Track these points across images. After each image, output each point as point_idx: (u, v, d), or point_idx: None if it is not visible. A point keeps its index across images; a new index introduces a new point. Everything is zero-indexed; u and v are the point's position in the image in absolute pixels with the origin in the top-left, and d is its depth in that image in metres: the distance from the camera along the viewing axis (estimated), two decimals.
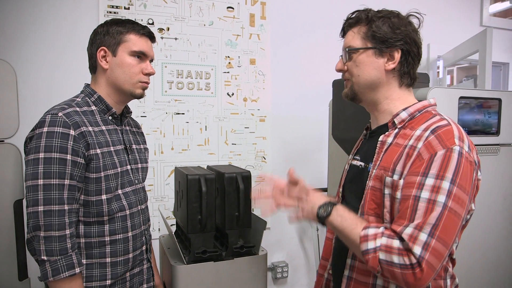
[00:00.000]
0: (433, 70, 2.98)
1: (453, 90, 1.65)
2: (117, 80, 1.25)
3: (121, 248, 1.24)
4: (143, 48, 1.26)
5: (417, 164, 0.93)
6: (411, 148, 0.96)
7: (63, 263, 1.08)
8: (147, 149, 1.48)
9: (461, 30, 3.03)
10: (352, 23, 1.08)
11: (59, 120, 1.11)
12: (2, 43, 1.95)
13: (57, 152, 1.09)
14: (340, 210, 1.00)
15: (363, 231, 0.93)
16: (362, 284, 1.04)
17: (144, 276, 1.37)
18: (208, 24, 2.38)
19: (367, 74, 1.05)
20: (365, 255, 0.91)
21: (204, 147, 2.42)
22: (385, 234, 0.91)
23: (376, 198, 1.01)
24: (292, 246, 2.74)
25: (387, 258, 0.89)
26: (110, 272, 1.21)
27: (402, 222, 0.91)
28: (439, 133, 0.94)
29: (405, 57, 1.04)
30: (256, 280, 1.53)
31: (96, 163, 1.16)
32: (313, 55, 2.64)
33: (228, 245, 1.50)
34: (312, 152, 2.71)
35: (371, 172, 1.04)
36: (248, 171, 1.52)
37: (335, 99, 2.05)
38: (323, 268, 1.29)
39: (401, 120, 1.04)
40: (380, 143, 1.05)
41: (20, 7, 1.99)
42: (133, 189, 1.30)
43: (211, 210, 1.45)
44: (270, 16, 2.53)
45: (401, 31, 1.02)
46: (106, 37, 1.24)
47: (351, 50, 1.07)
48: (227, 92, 2.45)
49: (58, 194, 1.09)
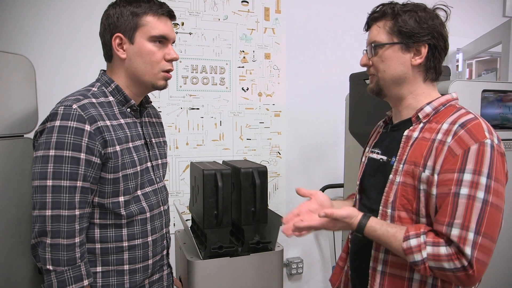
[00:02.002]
0: (452, 63, 2.92)
1: (476, 83, 1.61)
2: (137, 70, 1.11)
3: (140, 254, 1.13)
4: (164, 31, 1.10)
5: (451, 161, 0.92)
6: (440, 143, 0.95)
7: (70, 275, 0.98)
8: (165, 142, 1.36)
9: (483, 21, 2.94)
10: (377, 17, 1.06)
11: (74, 113, 0.99)
12: (20, 39, 1.98)
13: (69, 150, 0.98)
14: (375, 219, 1.00)
15: (405, 243, 0.94)
16: (399, 278, 1.02)
17: (164, 283, 1.28)
18: (222, 19, 2.36)
19: (393, 70, 1.04)
20: (415, 266, 0.93)
21: (219, 142, 2.41)
22: (428, 242, 0.92)
23: (407, 194, 0.99)
24: (307, 242, 2.72)
25: (437, 266, 0.90)
26: (128, 280, 1.11)
27: (443, 220, 0.91)
28: (469, 127, 0.93)
29: (432, 51, 1.02)
30: (272, 276, 1.52)
31: (114, 162, 1.05)
32: (329, 48, 2.60)
33: (244, 241, 1.49)
34: (328, 147, 2.68)
35: (397, 167, 1.02)
36: (264, 166, 1.51)
37: (352, 93, 2.02)
38: (343, 260, 1.28)
39: (426, 114, 1.03)
40: (406, 137, 1.04)
41: (37, 2, 2.01)
42: (154, 188, 1.20)
43: (227, 205, 1.44)
44: (285, 9, 2.50)
45: (428, 25, 1.00)
46: (120, 21, 1.08)
47: (377, 45, 1.05)
48: (241, 87, 2.44)
49: (68, 198, 0.98)
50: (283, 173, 2.58)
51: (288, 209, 2.61)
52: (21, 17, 1.98)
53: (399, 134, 1.06)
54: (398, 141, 1.05)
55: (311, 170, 2.67)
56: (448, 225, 0.90)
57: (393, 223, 1.02)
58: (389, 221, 1.02)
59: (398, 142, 1.05)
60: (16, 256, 1.12)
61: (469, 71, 3.55)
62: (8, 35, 1.96)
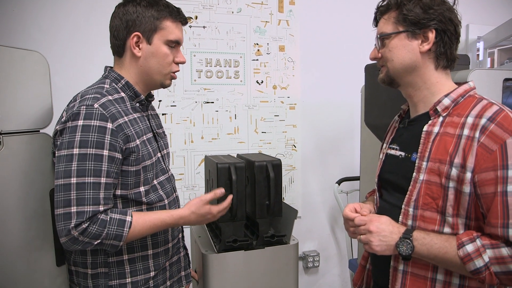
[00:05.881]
0: (472, 53, 2.83)
1: (497, 72, 1.55)
2: (150, 70, 1.17)
3: (161, 239, 1.22)
4: (179, 37, 1.18)
5: (488, 158, 0.88)
6: (468, 139, 0.91)
7: (114, 227, 1.03)
8: (165, 132, 1.41)
9: (504, 7, 2.85)
10: (383, 10, 1.07)
11: (96, 112, 1.03)
12: (36, 36, 2.01)
13: (93, 148, 1.01)
14: (419, 238, 0.95)
15: (461, 251, 0.89)
16: (422, 278, 0.99)
17: (182, 263, 1.36)
18: (236, 11, 2.35)
19: (402, 58, 1.02)
20: (477, 274, 0.88)
21: (233, 136, 2.41)
22: (486, 245, 0.88)
23: (432, 192, 0.96)
24: (323, 235, 2.71)
25: (504, 269, 0.86)
26: (153, 264, 1.19)
27: (496, 222, 0.87)
28: (498, 120, 0.89)
29: (441, 37, 0.99)
30: (287, 269, 1.51)
31: (136, 155, 1.10)
32: (344, 40, 2.56)
33: (258, 234, 1.49)
34: (344, 139, 2.65)
35: (420, 164, 0.99)
36: (279, 159, 1.50)
37: (367, 84, 1.98)
38: (365, 259, 1.26)
39: (445, 107, 0.99)
40: (426, 133, 1.00)
41: (55, 2, 2.03)
42: (167, 177, 1.27)
43: (242, 198, 1.44)
44: (299, 1, 2.47)
45: (435, 10, 0.98)
46: (140, 20, 1.12)
47: (383, 36, 1.05)
48: (256, 80, 2.42)
49: (93, 194, 1.01)
50: (299, 166, 2.56)
51: (304, 202, 2.60)
52: (39, 16, 2.02)
53: (417, 128, 1.03)
54: (417, 137, 1.02)
55: (326, 163, 2.64)
56: (504, 227, 0.86)
57: (415, 222, 0.99)
58: (411, 221, 0.99)
59: (417, 137, 1.02)
60: (34, 249, 1.14)
61: (491, 60, 3.44)
62: (26, 33, 2.00)
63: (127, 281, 1.15)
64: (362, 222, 1.02)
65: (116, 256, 1.14)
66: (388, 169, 1.14)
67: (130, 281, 1.15)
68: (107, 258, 1.14)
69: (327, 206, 2.68)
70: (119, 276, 1.15)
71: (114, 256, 1.14)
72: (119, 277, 1.14)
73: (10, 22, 1.97)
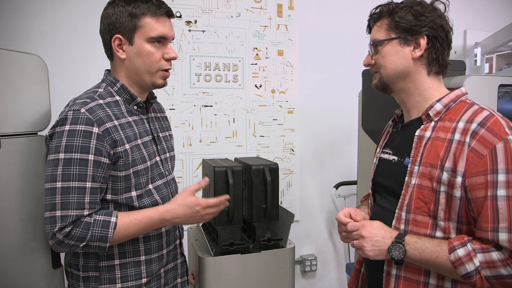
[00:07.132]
0: (470, 58, 2.84)
1: (492, 78, 1.56)
2: (137, 70, 1.13)
3: (155, 245, 1.19)
4: (162, 32, 1.11)
5: (478, 162, 0.89)
6: (459, 144, 0.92)
7: (98, 229, 1.02)
8: (171, 135, 1.38)
9: (502, 13, 2.86)
10: (376, 17, 1.08)
11: (82, 117, 1.02)
12: (35, 38, 2.02)
13: (78, 152, 1.01)
14: (411, 243, 0.96)
15: (452, 255, 0.90)
16: (414, 282, 0.99)
17: (178, 271, 1.34)
18: (235, 16, 2.36)
19: (394, 64, 1.04)
20: (468, 278, 0.89)
21: (232, 140, 2.42)
22: (477, 249, 0.89)
23: (424, 197, 0.97)
24: (321, 239, 2.71)
25: (494, 274, 0.87)
26: (145, 270, 1.17)
27: (487, 226, 0.88)
28: (488, 125, 0.90)
29: (432, 43, 1.01)
30: (283, 273, 1.51)
31: (125, 160, 1.08)
32: (342, 45, 2.57)
33: (255, 238, 1.49)
34: (342, 144, 2.66)
35: (412, 168, 1.00)
36: (276, 163, 1.50)
37: (364, 89, 1.99)
38: (360, 263, 1.26)
39: (437, 112, 1.00)
40: (418, 137, 1.01)
41: (53, 3, 2.04)
42: (164, 181, 1.24)
43: (238, 202, 1.44)
44: (298, 6, 2.48)
45: (426, 17, 1.00)
46: (118, 22, 1.09)
47: (376, 43, 1.06)
48: (255, 84, 2.44)
49: (77, 198, 1.01)
50: (297, 170, 2.57)
51: (302, 206, 2.60)
52: (39, 19, 2.03)
53: (410, 133, 1.04)
54: (409, 141, 1.03)
55: (324, 167, 2.65)
56: (494, 231, 0.87)
57: (407, 226, 1.00)
58: (403, 225, 1.00)
59: (409, 141, 1.03)
60: (30, 251, 1.15)
61: (489, 65, 3.46)
62: (25, 36, 2.01)
63: (117, 286, 1.13)
64: (354, 228, 1.03)
65: (107, 260, 1.13)
66: (381, 173, 1.14)
67: (120, 286, 1.13)
68: (98, 262, 1.12)
69: (325, 210, 2.68)
70: (109, 281, 1.13)
71: (105, 260, 1.13)
72: (109, 281, 1.13)
73: (9, 25, 1.98)
